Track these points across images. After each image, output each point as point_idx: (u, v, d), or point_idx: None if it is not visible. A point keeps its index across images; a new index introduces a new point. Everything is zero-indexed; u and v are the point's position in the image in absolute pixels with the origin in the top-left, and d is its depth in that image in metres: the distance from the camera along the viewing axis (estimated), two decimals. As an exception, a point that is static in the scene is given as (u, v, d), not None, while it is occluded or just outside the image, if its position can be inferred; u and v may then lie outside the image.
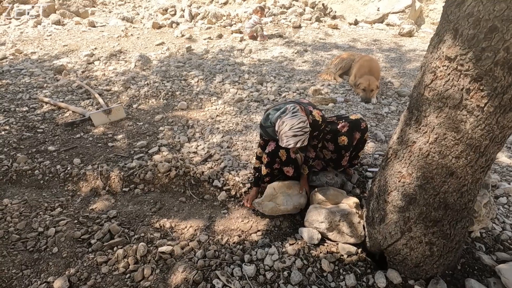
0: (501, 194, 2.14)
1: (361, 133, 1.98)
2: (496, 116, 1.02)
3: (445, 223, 1.31)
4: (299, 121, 1.58)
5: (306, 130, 1.60)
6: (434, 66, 1.10)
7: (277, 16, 7.03)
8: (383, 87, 3.96)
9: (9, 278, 1.64)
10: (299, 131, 1.58)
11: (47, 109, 3.48)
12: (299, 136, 1.59)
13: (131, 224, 2.01)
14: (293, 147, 1.67)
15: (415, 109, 1.22)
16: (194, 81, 4.09)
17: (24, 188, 2.39)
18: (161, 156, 2.59)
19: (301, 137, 1.60)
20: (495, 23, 0.90)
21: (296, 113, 1.62)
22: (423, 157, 1.21)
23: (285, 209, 1.98)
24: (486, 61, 0.95)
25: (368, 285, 1.60)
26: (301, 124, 1.58)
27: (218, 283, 1.58)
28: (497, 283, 1.53)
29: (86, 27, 6.70)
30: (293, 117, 1.59)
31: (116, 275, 1.63)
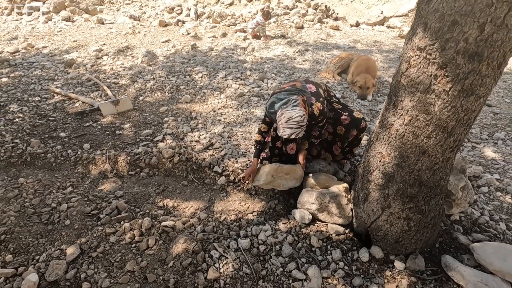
0: (483, 184, 2.28)
1: (358, 131, 2.10)
2: (460, 100, 1.17)
3: (420, 199, 1.46)
4: (297, 115, 1.65)
5: (302, 124, 1.67)
6: (408, 56, 1.25)
7: (281, 16, 7.20)
8: (380, 85, 4.10)
9: (26, 245, 1.81)
10: (295, 124, 1.66)
11: (58, 99, 3.66)
12: (294, 129, 1.67)
13: (137, 203, 2.18)
14: (288, 138, 1.75)
15: (393, 95, 1.37)
16: (198, 77, 4.26)
17: (37, 169, 2.56)
18: (166, 144, 2.76)
19: (297, 130, 1.68)
20: (456, 17, 1.05)
21: (296, 107, 1.68)
22: (400, 138, 1.36)
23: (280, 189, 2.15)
24: (449, 50, 1.10)
25: (352, 259, 1.75)
26: (298, 119, 1.65)
27: (215, 254, 1.73)
28: (470, 259, 1.68)
29: (95, 24, 6.91)
30: (292, 110, 1.67)
31: (123, 244, 1.80)
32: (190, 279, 1.59)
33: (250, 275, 1.63)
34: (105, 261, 1.70)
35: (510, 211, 2.05)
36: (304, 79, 2.04)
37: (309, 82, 2.00)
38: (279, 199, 2.24)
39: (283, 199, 2.25)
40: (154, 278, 1.60)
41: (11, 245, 1.80)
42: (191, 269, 1.64)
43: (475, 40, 1.05)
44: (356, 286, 1.59)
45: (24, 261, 1.71)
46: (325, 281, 1.62)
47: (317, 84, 2.01)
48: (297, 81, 1.99)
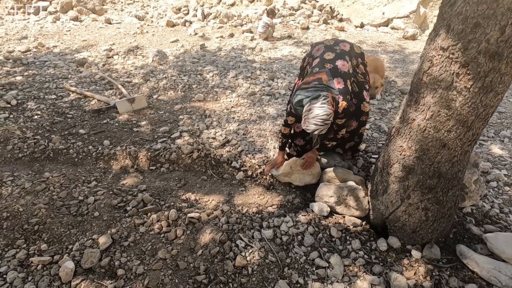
0: (492, 179, 2.38)
1: (358, 123, 2.14)
2: (480, 96, 1.27)
3: (438, 190, 1.55)
4: (324, 113, 1.66)
5: (327, 122, 1.68)
6: (431, 55, 1.35)
7: (286, 17, 7.30)
8: (387, 85, 4.20)
9: (59, 235, 1.89)
10: (321, 122, 1.67)
11: (74, 97, 3.75)
12: (319, 126, 1.68)
13: (161, 196, 2.26)
14: (311, 132, 1.79)
15: (415, 92, 1.46)
16: (209, 76, 4.35)
17: (60, 164, 2.65)
18: (183, 140, 2.85)
19: (321, 127, 1.69)
20: (479, 20, 1.15)
21: (325, 104, 1.68)
22: (421, 132, 1.46)
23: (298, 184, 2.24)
24: (471, 50, 1.20)
25: (371, 249, 1.84)
26: (325, 117, 1.66)
27: (241, 243, 1.82)
28: (483, 248, 1.77)
29: (103, 24, 7.00)
30: (320, 108, 1.67)
31: (152, 234, 1.88)
32: (219, 266, 1.67)
33: (276, 262, 1.72)
34: (137, 250, 1.78)
35: (518, 204, 2.15)
36: (331, 69, 1.89)
37: (336, 74, 1.87)
38: (296, 193, 2.33)
39: (300, 193, 2.34)
40: (185, 266, 1.68)
41: (44, 235, 1.88)
42: (219, 257, 1.73)
43: (496, 41, 1.15)
44: (376, 273, 1.68)
45: (58, 249, 1.79)
46: (347, 269, 1.71)
47: (345, 75, 1.89)
48: (324, 72, 1.87)
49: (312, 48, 2.14)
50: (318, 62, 1.96)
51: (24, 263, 1.71)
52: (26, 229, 1.90)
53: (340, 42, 2.06)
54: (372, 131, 3.06)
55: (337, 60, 1.93)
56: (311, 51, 2.12)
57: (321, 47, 2.06)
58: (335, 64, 1.91)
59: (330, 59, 1.94)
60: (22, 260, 1.72)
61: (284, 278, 1.64)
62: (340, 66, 1.91)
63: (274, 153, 2.64)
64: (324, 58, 1.96)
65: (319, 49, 2.06)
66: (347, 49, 2.02)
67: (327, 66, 1.91)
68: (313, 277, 1.65)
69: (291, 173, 2.24)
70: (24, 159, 2.65)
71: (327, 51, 1.99)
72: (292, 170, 2.22)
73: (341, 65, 1.91)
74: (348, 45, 2.05)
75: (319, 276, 1.65)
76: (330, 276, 1.66)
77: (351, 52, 2.03)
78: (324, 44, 2.07)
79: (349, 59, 1.98)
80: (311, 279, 1.64)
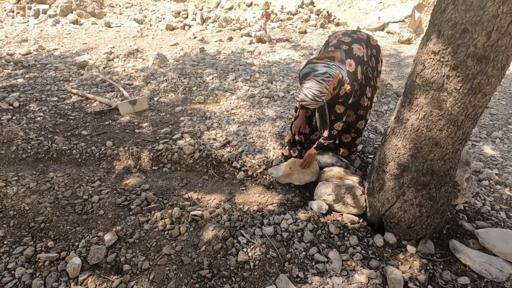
0: (484, 178, 2.46)
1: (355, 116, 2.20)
2: (469, 97, 1.35)
3: (431, 187, 1.63)
4: (318, 89, 1.67)
5: (318, 99, 1.70)
6: (423, 58, 1.43)
7: (284, 21, 7.42)
8: (383, 88, 4.30)
9: (65, 233, 1.94)
10: (312, 95, 1.69)
11: (76, 100, 3.80)
12: (308, 98, 1.71)
13: (164, 195, 2.32)
14: (298, 103, 1.82)
15: (409, 93, 1.55)
16: (209, 78, 4.43)
17: (64, 164, 2.69)
18: (185, 141, 2.91)
19: (310, 101, 1.71)
20: (467, 26, 1.23)
21: (324, 82, 1.69)
22: (415, 131, 1.54)
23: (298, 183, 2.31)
24: (460, 54, 1.28)
25: (368, 244, 1.91)
26: (317, 92, 1.68)
27: (243, 239, 1.88)
28: (475, 243, 1.85)
29: (103, 27, 7.06)
30: (317, 82, 1.68)
31: (156, 231, 1.94)
32: (222, 261, 1.73)
33: (277, 258, 1.78)
34: (142, 246, 1.84)
35: (509, 202, 2.23)
36: (346, 50, 1.91)
37: (351, 56, 1.89)
38: (295, 192, 2.40)
39: (299, 192, 2.41)
40: (189, 261, 1.74)
41: (51, 232, 1.93)
42: (222, 253, 1.78)
43: (483, 46, 1.23)
44: (373, 268, 1.75)
45: (65, 246, 1.84)
46: (345, 263, 1.78)
47: (359, 59, 1.91)
48: (339, 52, 1.88)
49: (329, 37, 2.19)
50: (335, 43, 1.99)
51: (32, 259, 1.76)
52: (33, 227, 1.95)
53: (358, 32, 2.12)
54: (369, 132, 3.14)
55: (354, 44, 1.95)
56: (329, 39, 2.16)
57: (339, 34, 2.11)
58: (351, 46, 1.93)
59: (347, 42, 1.97)
60: (30, 256, 1.77)
61: (284, 272, 1.70)
62: (355, 49, 1.93)
63: (274, 154, 2.71)
64: (341, 40, 1.99)
65: (337, 36, 2.10)
66: (364, 37, 2.06)
67: (342, 46, 1.93)
68: (313, 271, 1.71)
69: (291, 174, 2.30)
70: (28, 159, 2.69)
71: (344, 36, 2.04)
72: (292, 170, 2.29)
73: (357, 49, 1.93)
74: (366, 34, 2.09)
75: (318, 270, 1.72)
76: (329, 270, 1.72)
77: (367, 41, 2.06)
78: (342, 32, 2.13)
79: (365, 46, 2.01)
80: (310, 273, 1.70)
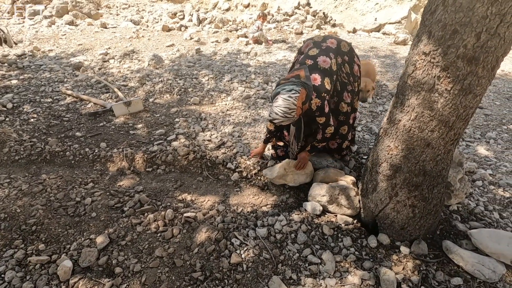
0: (477, 178, 2.47)
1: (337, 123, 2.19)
2: (459, 98, 1.35)
3: (424, 188, 1.63)
4: (286, 106, 1.72)
5: (288, 116, 1.75)
6: (414, 59, 1.43)
7: (281, 22, 7.43)
8: (379, 89, 4.31)
9: (57, 235, 1.92)
10: (282, 113, 1.74)
11: (70, 101, 3.77)
12: (279, 116, 1.75)
13: (157, 197, 2.30)
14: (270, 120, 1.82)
15: (401, 94, 1.55)
16: (205, 79, 4.42)
17: (57, 166, 2.67)
18: (179, 143, 2.90)
19: (281, 118, 1.75)
20: (456, 27, 1.24)
21: (290, 98, 1.73)
22: (407, 132, 1.54)
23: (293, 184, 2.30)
24: (450, 55, 1.28)
25: (362, 246, 1.90)
26: (285, 109, 1.73)
27: (236, 241, 1.87)
28: (468, 244, 1.85)
29: (99, 28, 7.04)
30: (284, 100, 1.72)
31: (149, 233, 1.92)
32: (215, 263, 1.72)
33: (270, 259, 1.77)
34: (134, 249, 1.82)
35: (502, 202, 2.24)
36: (311, 65, 1.93)
37: (316, 70, 1.91)
38: (290, 193, 2.39)
39: (294, 193, 2.40)
40: (182, 263, 1.73)
41: (42, 235, 1.91)
42: (215, 255, 1.77)
43: (472, 47, 1.23)
44: (367, 269, 1.74)
45: (56, 249, 1.82)
46: (338, 265, 1.77)
47: (324, 71, 1.93)
48: (303, 69, 1.90)
49: (303, 44, 2.20)
50: (302, 58, 2.01)
51: (22, 262, 1.74)
52: (24, 229, 1.93)
53: (329, 39, 2.08)
54: (364, 133, 3.14)
55: (319, 57, 1.95)
56: (301, 47, 2.17)
57: (309, 43, 2.11)
58: (316, 60, 1.94)
59: (313, 55, 1.97)
60: (20, 259, 1.75)
61: (277, 274, 1.69)
62: (320, 62, 1.93)
63: (269, 154, 2.70)
64: (308, 54, 1.99)
65: (308, 45, 2.11)
66: (334, 46, 2.04)
67: (307, 62, 1.94)
68: (306, 273, 1.70)
69: (285, 175, 2.30)
70: (20, 161, 2.67)
71: (313, 47, 2.03)
72: (286, 172, 2.28)
73: (322, 61, 1.93)
74: (336, 42, 2.06)
75: (311, 272, 1.71)
76: (322, 271, 1.71)
77: (337, 49, 2.05)
78: (313, 40, 2.11)
79: (333, 56, 2.00)
80: (304, 274, 1.69)
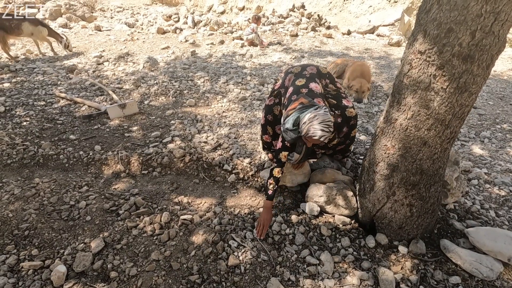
0: (473, 177, 2.48)
1: (348, 128, 2.19)
2: (455, 96, 1.36)
3: (421, 186, 1.63)
4: (329, 119, 1.67)
5: (331, 129, 1.69)
6: (410, 58, 1.44)
7: (276, 25, 7.45)
8: (374, 89, 4.34)
9: (50, 240, 1.88)
10: (327, 127, 1.66)
11: (64, 104, 3.73)
12: (325, 132, 1.66)
13: (153, 199, 2.27)
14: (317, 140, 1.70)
15: (397, 93, 1.55)
16: (200, 81, 4.40)
17: (51, 170, 2.63)
18: (175, 145, 2.87)
19: (328, 133, 1.67)
20: (451, 25, 1.24)
21: (327, 112, 1.70)
22: (403, 131, 1.54)
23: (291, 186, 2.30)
24: (446, 53, 1.29)
25: (360, 246, 1.90)
26: (329, 123, 1.67)
27: (233, 243, 1.85)
28: (465, 242, 1.85)
29: (93, 31, 6.99)
30: (325, 114, 1.67)
31: (145, 236, 1.89)
32: (212, 266, 1.70)
33: (268, 261, 1.75)
34: (130, 252, 1.79)
35: (498, 200, 2.25)
36: (307, 93, 1.93)
37: (314, 95, 1.92)
38: (287, 194, 2.38)
39: (291, 194, 2.39)
40: (179, 266, 1.70)
41: (35, 240, 1.87)
42: (212, 257, 1.75)
43: (467, 45, 1.24)
44: (365, 269, 1.74)
45: (49, 254, 1.79)
46: (337, 265, 1.76)
47: (321, 95, 1.95)
48: (302, 97, 1.86)
49: (283, 78, 2.19)
50: (293, 90, 1.99)
51: (15, 268, 1.70)
52: (16, 234, 1.88)
53: (307, 67, 2.15)
54: (360, 134, 3.15)
55: (309, 84, 1.98)
56: (283, 81, 2.18)
57: (291, 77, 2.12)
58: (309, 87, 1.96)
59: (303, 84, 1.99)
60: (13, 265, 1.71)
61: (276, 276, 1.67)
62: (313, 88, 1.96)
63: (265, 156, 2.69)
64: (297, 85, 2.00)
65: (290, 79, 2.12)
66: (315, 71, 2.10)
67: (302, 91, 1.94)
68: (305, 274, 1.69)
69: (283, 176, 2.29)
70: (13, 165, 2.62)
71: (297, 78, 2.05)
72: (284, 172, 2.27)
73: (315, 87, 1.96)
74: (315, 68, 2.13)
75: (310, 273, 1.69)
76: (321, 272, 1.70)
77: (319, 74, 2.12)
78: (293, 73, 2.14)
79: (318, 81, 2.07)
80: (302, 276, 1.68)
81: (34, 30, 5.14)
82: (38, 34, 5.21)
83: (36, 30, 5.16)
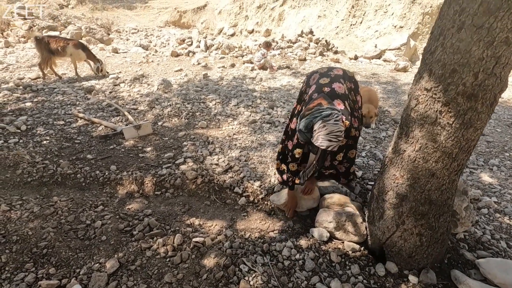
0: (483, 206, 2.49)
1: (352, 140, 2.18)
2: (461, 131, 1.42)
3: (430, 216, 1.66)
4: (338, 130, 1.66)
5: (340, 139, 1.70)
6: (417, 94, 1.52)
7: (285, 49, 7.73)
8: (381, 115, 4.42)
9: (67, 259, 1.94)
10: (335, 138, 1.67)
11: (82, 124, 3.90)
12: (332, 142, 1.67)
13: (166, 221, 2.34)
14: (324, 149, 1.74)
15: (405, 125, 1.63)
16: (212, 104, 4.56)
17: (68, 189, 2.73)
18: (187, 166, 2.96)
19: (335, 143, 1.69)
20: (455, 66, 1.33)
21: (338, 122, 1.69)
22: (412, 162, 1.60)
23: (300, 210, 2.33)
24: (451, 92, 1.37)
25: (370, 274, 1.90)
26: (339, 133, 1.66)
27: (244, 267, 1.88)
28: (476, 273, 1.85)
29: (110, 53, 7.35)
30: (334, 125, 1.66)
31: (158, 258, 1.94)
32: (224, 290, 1.73)
33: (278, 287, 1.77)
34: (143, 274, 1.83)
35: (509, 231, 2.25)
36: (328, 92, 1.95)
37: (335, 96, 1.93)
38: (296, 219, 2.42)
39: (301, 218, 2.43)
40: (191, 289, 1.73)
41: (53, 258, 1.93)
42: (224, 281, 1.78)
43: (471, 85, 1.33)
44: (376, 298, 1.74)
45: (66, 273, 1.84)
46: (347, 293, 1.77)
47: (343, 96, 1.97)
48: (322, 97, 1.89)
49: (308, 78, 2.27)
50: (315, 88, 2.05)
51: (33, 286, 1.75)
52: (35, 252, 1.95)
53: (334, 69, 2.20)
54: (368, 159, 3.20)
55: (333, 83, 2.02)
56: (308, 80, 2.25)
57: (316, 76, 2.19)
58: (332, 87, 1.99)
59: (326, 83, 2.03)
60: (31, 283, 1.76)
61: (286, 303, 1.69)
62: (337, 88, 1.99)
63: (275, 179, 2.75)
64: (320, 83, 2.05)
65: (315, 78, 2.18)
66: (340, 73, 2.14)
67: (324, 89, 1.99)
68: (315, 302, 1.70)
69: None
70: (32, 183, 2.73)
71: (322, 77, 2.10)
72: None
73: (338, 87, 2.00)
74: (341, 70, 2.18)
75: (320, 301, 1.70)
76: (331, 300, 1.71)
77: (344, 75, 2.15)
78: (319, 72, 2.20)
79: (343, 82, 2.10)
80: (312, 303, 1.69)
81: (73, 52, 5.75)
82: (76, 56, 5.82)
83: (76, 52, 5.76)
